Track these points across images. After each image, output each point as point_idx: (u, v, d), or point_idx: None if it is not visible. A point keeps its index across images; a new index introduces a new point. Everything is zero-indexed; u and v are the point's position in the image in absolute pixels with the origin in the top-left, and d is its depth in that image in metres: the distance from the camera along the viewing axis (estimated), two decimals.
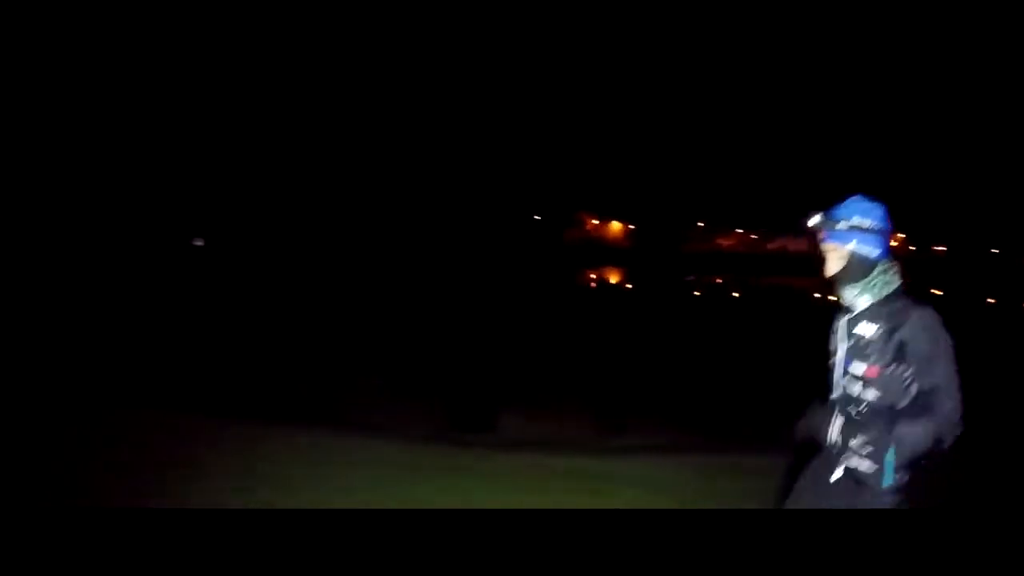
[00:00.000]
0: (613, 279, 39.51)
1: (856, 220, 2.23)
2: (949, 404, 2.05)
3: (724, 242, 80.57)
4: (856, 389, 2.18)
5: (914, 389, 2.07)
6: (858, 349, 2.18)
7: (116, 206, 47.91)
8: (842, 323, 2.29)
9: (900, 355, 2.09)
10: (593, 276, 39.99)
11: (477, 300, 21.06)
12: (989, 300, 30.33)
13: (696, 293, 30.92)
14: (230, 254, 39.96)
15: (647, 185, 76.00)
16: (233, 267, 30.77)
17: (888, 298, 2.19)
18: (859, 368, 2.17)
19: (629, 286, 34.73)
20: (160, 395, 7.06)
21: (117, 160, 53.39)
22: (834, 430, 2.26)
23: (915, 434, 2.05)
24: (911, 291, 2.23)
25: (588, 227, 77.01)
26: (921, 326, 2.09)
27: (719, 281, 38.44)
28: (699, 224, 78.52)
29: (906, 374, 2.07)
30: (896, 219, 2.27)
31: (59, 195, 44.86)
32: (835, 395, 2.29)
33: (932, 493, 2.61)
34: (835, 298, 2.38)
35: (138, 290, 18.95)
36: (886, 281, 2.20)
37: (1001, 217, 71.76)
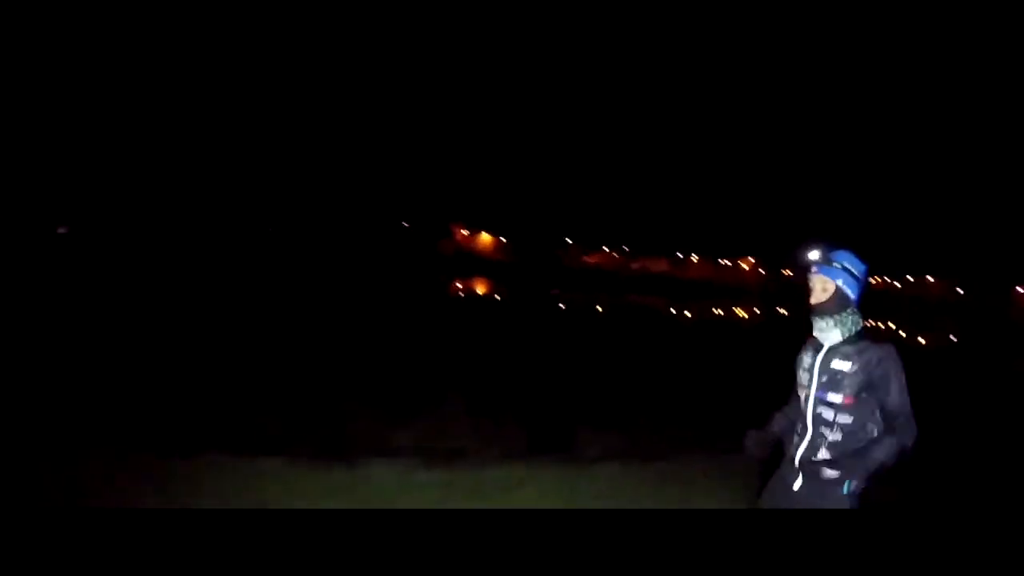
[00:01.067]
0: (481, 290, 39.42)
1: (846, 263, 2.68)
2: (909, 424, 2.50)
3: (591, 259, 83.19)
4: (831, 415, 2.60)
5: (879, 414, 2.56)
6: (835, 382, 2.59)
7: None
8: (817, 359, 2.67)
9: (869, 386, 2.54)
10: (460, 286, 39.75)
11: (346, 306, 19.86)
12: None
13: (560, 306, 31.20)
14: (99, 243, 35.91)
15: (520, 199, 77.16)
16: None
17: (855, 336, 2.63)
18: (836, 397, 2.58)
19: (497, 297, 34.73)
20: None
21: None
22: (802, 446, 2.68)
23: (884, 448, 2.49)
24: (873, 331, 2.70)
25: (458, 238, 76.78)
26: (887, 360, 2.54)
27: (580, 296, 39.37)
28: (568, 240, 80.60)
29: (874, 400, 2.55)
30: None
31: None
32: (807, 418, 2.67)
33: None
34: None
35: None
36: (855, 322, 2.65)
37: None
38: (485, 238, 79.03)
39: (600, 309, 32.37)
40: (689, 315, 34.92)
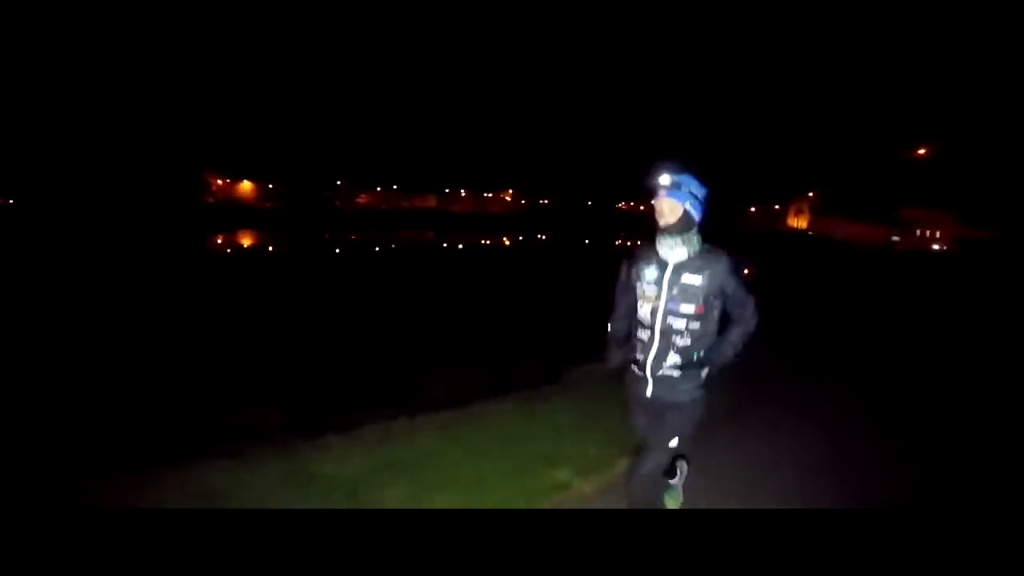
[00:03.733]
0: (247, 242, 37.32)
1: (693, 188, 2.78)
2: (755, 313, 2.80)
3: (363, 199, 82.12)
4: (682, 323, 2.79)
5: (718, 313, 2.81)
6: (686, 294, 2.77)
7: None
8: (666, 275, 2.82)
9: (719, 292, 2.76)
10: (220, 240, 37.04)
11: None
12: None
13: (336, 251, 31.15)
14: None
15: (282, 142, 73.01)
16: None
17: (700, 252, 2.80)
18: (688, 308, 2.77)
19: (271, 249, 33.23)
20: None
21: None
22: (651, 354, 2.87)
23: (734, 339, 2.81)
24: (711, 246, 2.85)
25: (215, 188, 70.79)
26: (729, 269, 2.75)
27: (355, 238, 39.31)
28: (339, 182, 78.49)
29: (718, 305, 2.79)
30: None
31: None
32: (655, 328, 2.85)
33: None
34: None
35: None
36: (699, 240, 2.82)
37: None
38: (246, 186, 73.94)
39: (377, 250, 32.84)
40: (460, 247, 36.81)
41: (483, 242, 42.41)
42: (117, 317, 11.51)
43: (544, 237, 46.95)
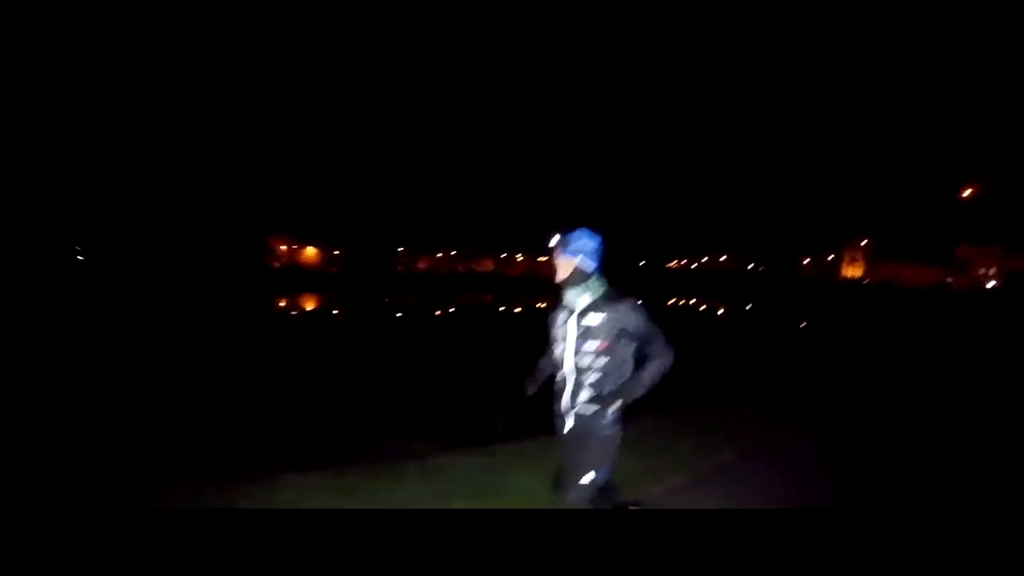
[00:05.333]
0: (310, 306, 38.36)
1: (581, 244, 3.11)
2: (666, 347, 2.97)
3: (423, 264, 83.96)
4: (588, 361, 3.01)
5: (631, 351, 3.00)
6: (589, 333, 3.01)
7: None
8: (571, 319, 3.10)
9: (622, 331, 2.98)
10: (283, 304, 38.28)
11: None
12: None
13: (397, 314, 31.65)
14: None
15: (346, 208, 75.73)
16: None
17: (602, 297, 3.07)
18: (592, 346, 3.00)
19: (335, 312, 34.18)
20: None
21: None
22: (566, 394, 3.11)
23: (649, 373, 2.95)
24: (616, 291, 3.11)
25: (281, 253, 73.66)
26: (630, 308, 2.99)
27: (414, 302, 39.97)
28: (400, 248, 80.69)
29: (625, 342, 3.00)
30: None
31: None
32: (565, 369, 3.10)
33: None
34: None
35: None
36: (599, 286, 3.10)
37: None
38: (311, 251, 76.77)
39: (438, 313, 33.28)
40: (517, 310, 36.76)
41: (539, 306, 42.52)
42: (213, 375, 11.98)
43: None
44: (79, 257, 52.15)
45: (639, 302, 3.03)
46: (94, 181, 58.58)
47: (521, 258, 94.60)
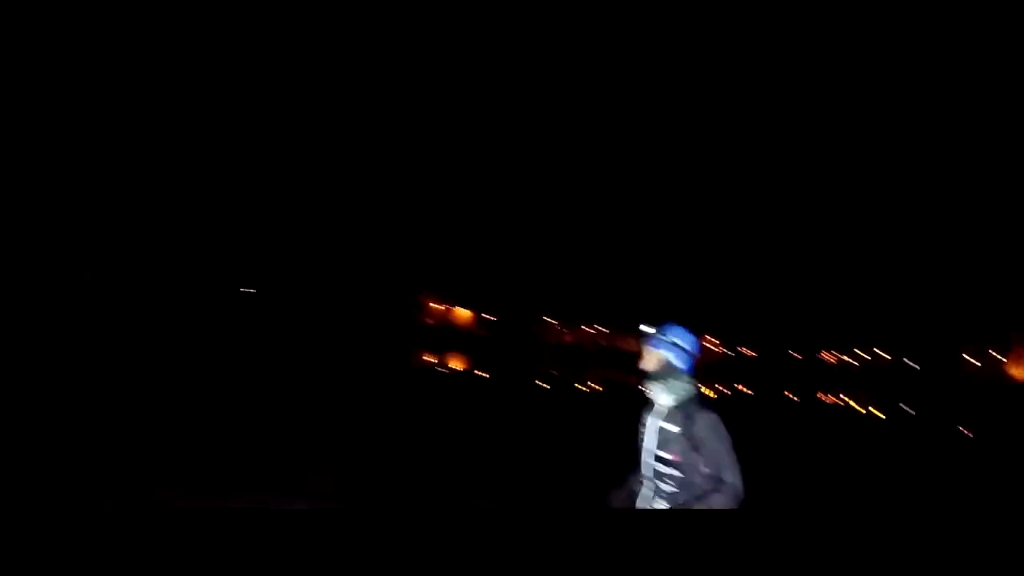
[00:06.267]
0: (456, 364, 39.40)
1: (675, 338, 3.05)
2: (728, 487, 2.73)
3: (567, 337, 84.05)
4: (663, 469, 2.92)
5: (705, 470, 2.80)
6: (665, 440, 2.91)
7: None
8: (651, 420, 3.01)
9: (695, 446, 2.82)
10: (429, 359, 39.60)
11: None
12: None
13: (546, 386, 31.56)
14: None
15: (497, 274, 78.15)
16: None
17: (685, 403, 2.93)
18: (667, 454, 2.91)
19: (485, 375, 34.83)
20: None
21: None
22: (644, 497, 3.03)
23: (710, 505, 2.71)
24: (703, 399, 2.96)
25: (434, 311, 77.11)
26: (708, 426, 2.83)
27: (555, 373, 39.87)
28: (547, 319, 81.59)
29: (700, 459, 2.82)
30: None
31: None
32: (645, 473, 3.01)
33: None
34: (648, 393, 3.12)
35: None
36: (685, 389, 2.96)
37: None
38: (464, 312, 79.58)
39: (587, 388, 32.77)
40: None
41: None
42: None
43: (745, 388, 43.97)
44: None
45: (719, 418, 2.85)
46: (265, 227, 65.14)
47: None
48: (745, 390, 45.51)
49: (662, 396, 2.97)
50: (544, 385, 31.22)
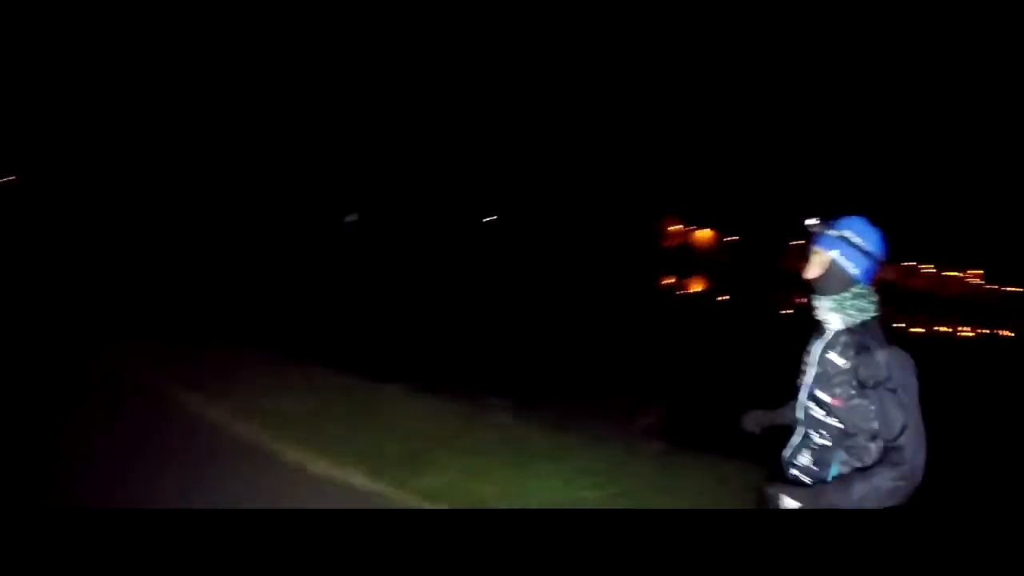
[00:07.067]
0: (697, 288, 39.30)
1: (847, 233, 2.23)
2: (912, 459, 1.98)
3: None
4: (820, 414, 2.22)
5: (874, 426, 2.07)
6: (827, 377, 2.20)
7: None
8: (815, 347, 2.30)
9: (863, 393, 2.09)
10: (671, 282, 39.46)
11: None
12: None
13: (780, 312, 30.74)
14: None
15: (743, 197, 75.45)
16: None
17: (859, 327, 2.17)
18: (826, 396, 2.20)
19: (724, 297, 34.85)
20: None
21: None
22: (790, 445, 2.37)
23: (865, 485, 2.01)
24: (886, 326, 2.19)
25: (675, 233, 76.10)
26: (890, 365, 2.05)
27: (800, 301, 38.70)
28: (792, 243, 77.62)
29: (870, 408, 2.07)
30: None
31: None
32: (798, 415, 2.34)
33: None
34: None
35: None
36: (860, 307, 2.18)
37: None
38: (704, 234, 77.77)
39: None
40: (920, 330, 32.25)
41: (938, 329, 37.85)
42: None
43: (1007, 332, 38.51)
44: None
45: (906, 357, 2.09)
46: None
47: (931, 269, 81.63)
48: (1007, 334, 39.78)
49: (830, 316, 2.23)
50: (788, 311, 29.62)
